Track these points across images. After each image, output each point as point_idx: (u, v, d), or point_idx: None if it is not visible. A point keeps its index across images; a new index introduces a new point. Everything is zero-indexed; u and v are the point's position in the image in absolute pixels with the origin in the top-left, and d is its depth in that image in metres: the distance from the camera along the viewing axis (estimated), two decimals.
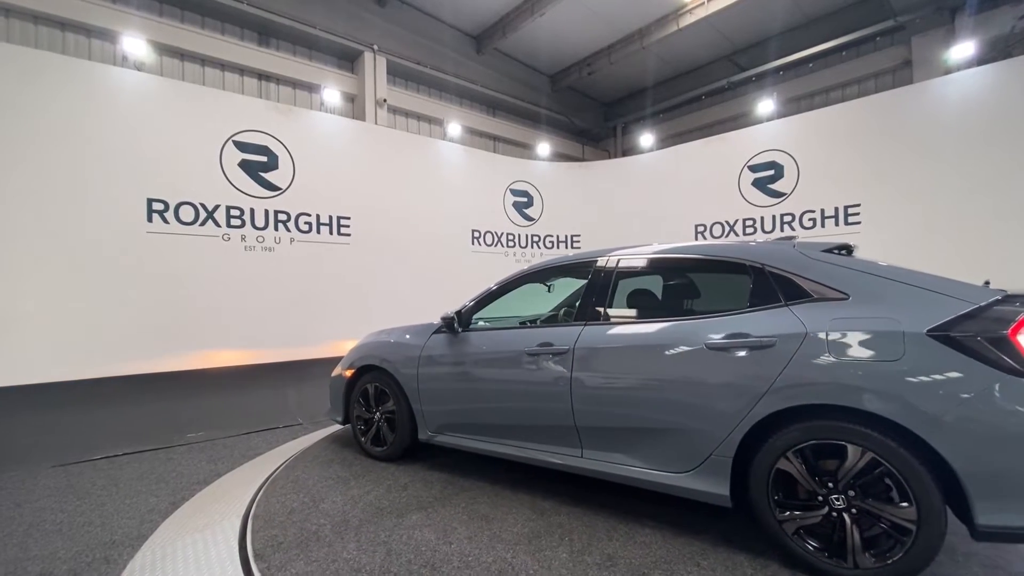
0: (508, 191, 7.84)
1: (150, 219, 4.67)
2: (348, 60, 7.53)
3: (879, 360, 1.92)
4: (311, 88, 7.17)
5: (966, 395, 1.78)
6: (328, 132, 6.06)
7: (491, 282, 3.44)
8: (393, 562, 2.31)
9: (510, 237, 7.78)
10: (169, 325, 4.70)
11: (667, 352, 2.39)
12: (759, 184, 6.64)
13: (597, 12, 7.57)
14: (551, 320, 3.38)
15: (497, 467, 3.43)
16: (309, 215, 5.69)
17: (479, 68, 8.62)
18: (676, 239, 3.32)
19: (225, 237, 5.10)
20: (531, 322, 3.33)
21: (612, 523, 2.63)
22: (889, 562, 1.89)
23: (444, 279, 6.67)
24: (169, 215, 4.77)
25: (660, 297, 2.89)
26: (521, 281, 3.34)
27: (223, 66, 6.41)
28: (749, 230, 6.69)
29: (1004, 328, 1.78)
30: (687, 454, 2.32)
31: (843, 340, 2.00)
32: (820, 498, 2.02)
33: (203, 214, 4.96)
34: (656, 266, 2.89)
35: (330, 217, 5.85)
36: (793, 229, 6.31)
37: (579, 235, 8.29)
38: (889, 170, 5.65)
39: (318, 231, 5.76)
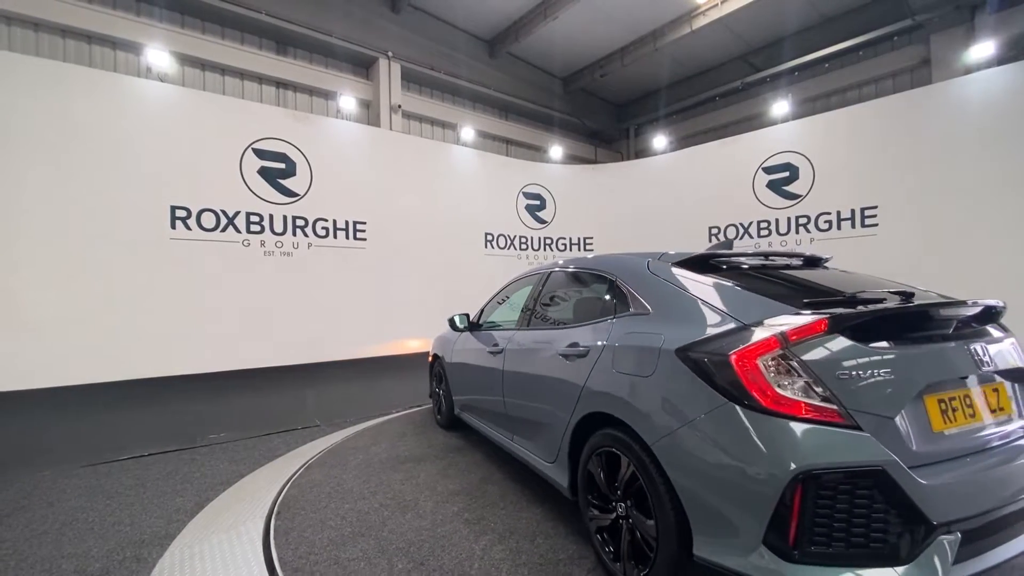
0: (521, 194, 7.88)
1: (173, 226, 4.80)
2: (363, 67, 7.63)
3: (637, 375, 2.00)
4: (327, 95, 7.28)
5: (691, 418, 1.72)
6: (344, 138, 6.16)
7: (502, 285, 4.02)
8: (358, 486, 3.24)
9: (523, 240, 7.82)
10: (190, 328, 4.82)
11: (541, 356, 2.79)
12: (774, 186, 6.59)
13: (610, 15, 7.57)
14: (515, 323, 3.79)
15: None
16: (326, 220, 5.79)
17: (492, 72, 8.67)
18: (690, 241, 3.48)
19: (245, 242, 5.21)
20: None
21: (518, 498, 3.01)
22: None
23: (458, 282, 6.74)
24: (191, 222, 4.90)
25: (560, 307, 3.16)
26: (507, 290, 3.91)
27: (242, 75, 6.54)
28: (764, 232, 6.65)
29: (729, 349, 1.67)
30: (550, 447, 2.63)
31: (622, 353, 2.14)
32: (613, 503, 2.12)
33: (224, 220, 5.08)
34: (562, 278, 3.21)
35: (347, 222, 5.94)
36: (808, 231, 6.25)
37: (592, 237, 8.29)
38: (907, 172, 5.57)
39: (335, 236, 5.85)
